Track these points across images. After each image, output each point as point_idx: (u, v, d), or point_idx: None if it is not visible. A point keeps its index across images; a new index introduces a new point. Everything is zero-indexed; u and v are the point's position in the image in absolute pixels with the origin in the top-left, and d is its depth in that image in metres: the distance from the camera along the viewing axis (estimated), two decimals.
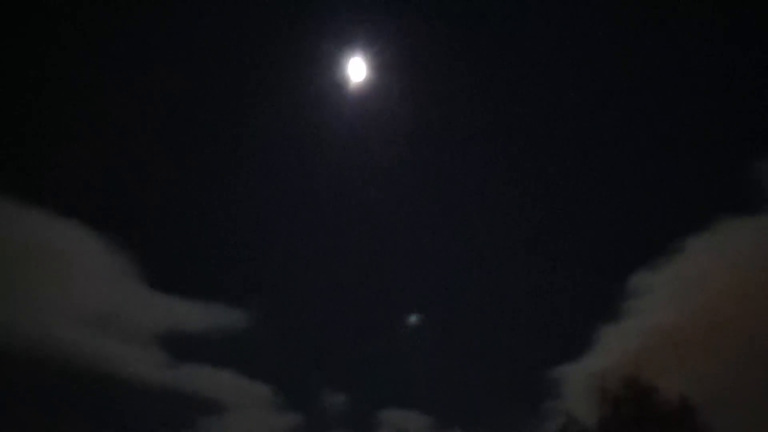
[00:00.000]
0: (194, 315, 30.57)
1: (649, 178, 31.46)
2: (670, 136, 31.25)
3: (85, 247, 28.90)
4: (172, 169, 31.50)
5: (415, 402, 31.65)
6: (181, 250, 32.01)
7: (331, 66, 30.07)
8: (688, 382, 22.28)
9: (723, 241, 28.12)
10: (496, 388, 31.01)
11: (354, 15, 29.32)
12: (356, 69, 29.81)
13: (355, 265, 33.68)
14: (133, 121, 30.67)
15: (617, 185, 31.98)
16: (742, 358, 24.78)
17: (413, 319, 33.26)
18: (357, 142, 31.77)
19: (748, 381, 24.09)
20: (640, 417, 19.45)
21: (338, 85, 30.27)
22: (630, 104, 31.25)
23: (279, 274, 33.46)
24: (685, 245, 28.18)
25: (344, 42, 29.54)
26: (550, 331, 31.31)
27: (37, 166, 28.93)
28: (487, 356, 31.80)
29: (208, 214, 32.66)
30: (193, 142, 31.76)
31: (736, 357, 25.00)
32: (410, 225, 33.75)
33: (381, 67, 29.99)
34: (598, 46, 31.00)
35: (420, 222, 33.95)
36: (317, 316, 33.11)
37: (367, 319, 33.42)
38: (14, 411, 26.28)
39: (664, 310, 27.72)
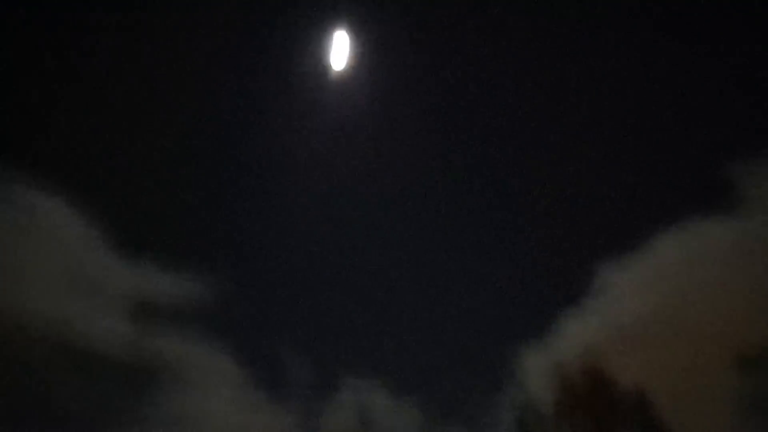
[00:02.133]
0: (165, 284, 30.50)
1: (620, 173, 31.78)
2: (643, 134, 31.61)
3: (51, 215, 28.67)
4: (143, 136, 31.35)
5: (376, 372, 31.98)
6: (151, 220, 31.88)
7: (313, 48, 30.06)
8: (646, 375, 22.67)
9: (691, 240, 28.52)
10: (455, 363, 31.33)
11: None
12: (340, 51, 29.78)
13: (327, 238, 33.81)
14: (100, 86, 30.46)
15: (591, 176, 32.25)
16: (702, 354, 25.25)
17: (377, 293, 33.51)
18: (340, 124, 31.84)
19: (705, 377, 24.57)
20: (597, 406, 19.81)
21: (321, 67, 30.29)
22: (603, 100, 31.51)
23: (250, 245, 33.51)
24: (655, 239, 28.57)
25: (327, 23, 29.50)
26: (512, 316, 31.63)
27: (8, 137, 28.69)
28: (448, 332, 32.11)
29: (181, 184, 32.56)
30: (167, 109, 31.55)
31: (695, 353, 25.46)
32: (380, 207, 33.90)
33: (366, 49, 29.99)
34: (578, 44, 31.22)
35: (390, 206, 34.10)
36: (286, 288, 33.23)
37: (333, 291, 33.57)
38: None
39: (627, 304, 28.06)
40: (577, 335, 26.97)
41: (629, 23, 30.43)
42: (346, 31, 29.50)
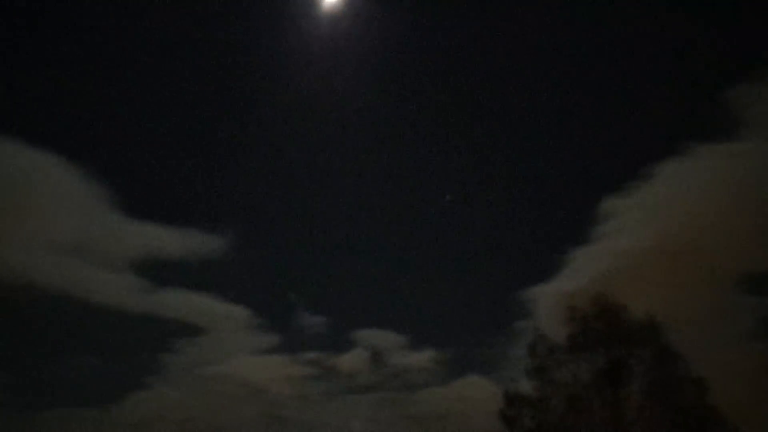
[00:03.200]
0: (171, 241, 30.75)
1: (621, 103, 31.69)
2: (642, 62, 31.35)
3: (59, 176, 28.65)
4: (146, 98, 31.08)
5: (388, 322, 32.51)
6: (156, 178, 31.89)
7: None
8: (654, 302, 23.00)
9: (692, 167, 28.66)
10: (468, 308, 31.89)
11: None
12: None
13: (331, 189, 33.88)
14: (106, 52, 30.04)
15: (590, 110, 32.21)
16: (708, 277, 25.64)
17: (387, 241, 33.75)
18: (332, 66, 31.48)
19: (711, 302, 25.01)
20: (608, 334, 20.14)
21: (311, 6, 29.73)
22: (603, 33, 31.21)
23: (254, 199, 33.59)
24: (655, 171, 28.66)
25: None
26: (521, 254, 32.04)
27: (9, 99, 28.35)
28: (460, 278, 32.54)
29: (183, 143, 32.43)
30: (165, 71, 31.22)
31: (701, 276, 25.85)
32: (383, 151, 33.86)
33: None
34: None
35: (392, 148, 34.05)
36: (293, 239, 33.46)
37: (343, 241, 33.84)
38: None
39: (633, 234, 28.41)
40: (586, 267, 27.39)
41: None
42: None
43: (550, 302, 24.84)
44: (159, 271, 30.65)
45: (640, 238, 28.10)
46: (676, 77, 30.32)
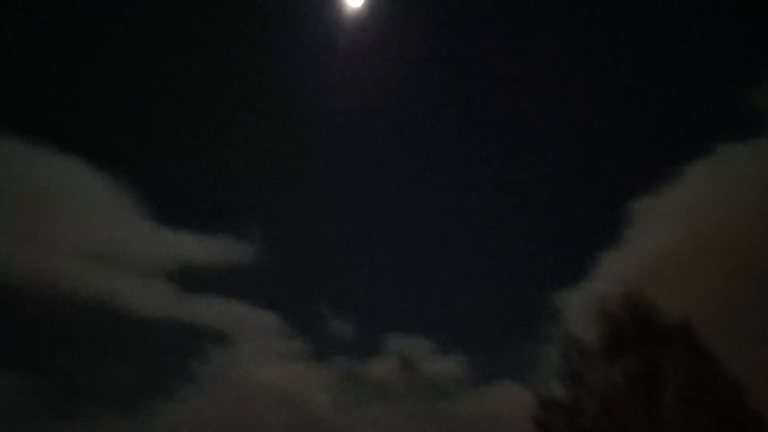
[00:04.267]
0: (200, 248, 30.97)
1: (648, 104, 31.42)
2: (668, 62, 31.07)
3: (91, 184, 29.04)
4: (173, 105, 31.36)
5: (417, 327, 32.42)
6: (185, 185, 32.13)
7: None
8: (688, 303, 22.77)
9: (721, 166, 28.37)
10: (497, 313, 31.74)
11: None
12: None
13: (359, 192, 33.93)
14: (132, 58, 30.37)
15: (618, 111, 31.95)
16: (740, 280, 25.30)
17: (416, 244, 33.68)
18: (356, 72, 31.53)
19: (744, 302, 24.66)
20: (641, 336, 19.95)
21: (334, 10, 29.80)
22: (626, 31, 30.97)
23: (282, 204, 33.73)
24: (684, 170, 28.40)
25: None
26: (551, 257, 31.84)
27: (41, 105, 28.77)
28: (490, 282, 32.40)
29: (211, 149, 32.66)
30: (193, 76, 31.50)
31: (733, 279, 25.51)
32: (411, 153, 33.86)
33: None
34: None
35: (421, 150, 34.03)
36: (321, 244, 33.53)
37: (371, 245, 33.86)
38: (24, 344, 26.89)
39: (663, 235, 28.12)
40: (616, 269, 27.14)
41: None
42: None
43: (580, 305, 24.67)
44: (189, 278, 30.93)
45: (670, 239, 27.81)
46: (700, 76, 30.00)
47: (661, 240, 27.78)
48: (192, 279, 31.00)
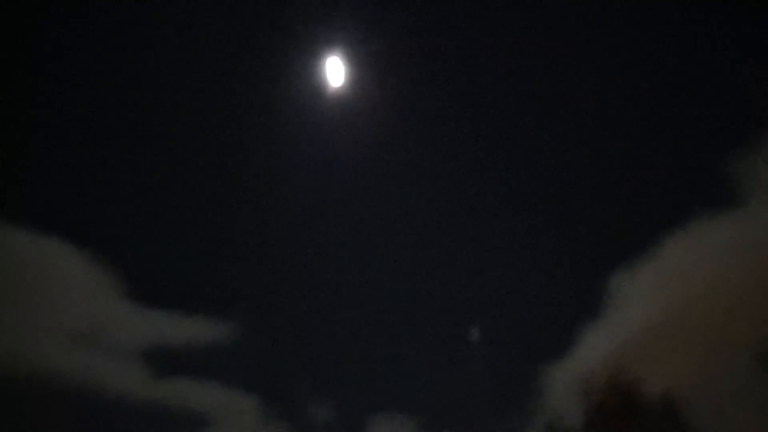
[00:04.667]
0: (179, 328, 30.45)
1: (623, 176, 31.92)
2: (643, 133, 31.82)
3: (65, 263, 28.75)
4: (149, 183, 31.51)
5: (402, 406, 31.81)
6: (162, 264, 31.89)
7: (308, 68, 30.15)
8: (670, 377, 22.65)
9: (700, 237, 28.59)
10: (481, 387, 31.26)
11: (332, 13, 29.33)
12: (335, 70, 29.83)
13: (339, 271, 33.80)
14: (107, 134, 30.69)
15: (593, 184, 32.40)
16: (724, 352, 25.22)
17: (398, 322, 33.47)
18: (337, 147, 31.97)
19: (729, 375, 24.53)
20: (625, 412, 19.79)
21: (316, 87, 30.39)
22: (604, 104, 31.69)
23: (262, 283, 33.45)
24: (663, 242, 28.62)
25: (322, 42, 29.59)
26: (532, 331, 31.61)
27: (15, 183, 28.85)
28: (474, 358, 32.06)
29: (189, 228, 32.63)
30: (170, 152, 31.72)
31: (717, 352, 25.43)
32: (393, 229, 33.96)
33: (361, 69, 30.13)
34: (573, 55, 31.47)
35: (402, 226, 34.16)
36: (302, 325, 33.16)
37: (351, 325, 33.52)
38: None
39: (644, 307, 28.07)
40: (598, 345, 26.96)
41: (625, 32, 30.78)
42: (342, 51, 29.55)
43: (563, 380, 24.38)
44: (166, 359, 30.28)
45: (650, 312, 27.77)
46: (677, 148, 30.70)
47: (642, 313, 27.74)
48: (169, 360, 30.40)
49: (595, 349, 26.59)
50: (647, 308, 28.08)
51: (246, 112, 31.48)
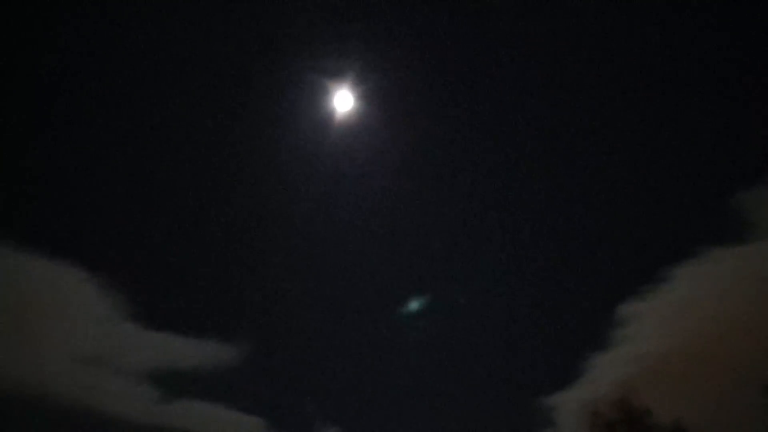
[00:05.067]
0: (185, 351, 30.46)
1: (635, 208, 31.95)
2: (655, 168, 31.88)
3: (76, 289, 28.92)
4: (159, 210, 31.76)
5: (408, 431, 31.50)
6: (170, 289, 32.00)
7: (317, 98, 30.45)
8: (678, 407, 22.42)
9: (709, 270, 28.52)
10: (489, 417, 30.93)
11: (340, 46, 29.68)
12: (343, 100, 30.07)
13: (345, 296, 33.78)
14: (120, 164, 31.05)
15: (603, 217, 32.42)
16: (731, 383, 24.98)
17: (406, 348, 33.28)
18: (346, 173, 32.19)
19: (737, 405, 24.26)
20: None
21: (325, 116, 30.66)
22: (615, 136, 31.86)
23: (269, 308, 33.45)
24: (672, 274, 28.55)
25: (330, 74, 29.91)
26: (541, 362, 31.41)
27: (27, 212, 29.16)
28: (482, 386, 31.81)
29: (197, 254, 32.79)
30: (180, 180, 32.03)
31: (724, 382, 25.19)
32: (398, 257, 33.98)
33: (368, 98, 30.37)
34: (576, 77, 31.68)
35: (407, 254, 34.18)
36: (308, 349, 33.05)
37: (359, 350, 33.40)
38: None
39: (652, 338, 27.95)
40: (607, 372, 26.79)
41: (634, 63, 31.05)
42: (350, 80, 29.85)
43: (572, 409, 24.21)
44: (173, 382, 30.22)
45: (660, 342, 27.64)
46: (690, 182, 30.75)
47: (652, 343, 27.62)
48: (176, 383, 30.33)
49: (605, 378, 26.40)
50: (657, 338, 27.94)
51: (257, 139, 31.85)
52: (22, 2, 28.76)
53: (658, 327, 28.58)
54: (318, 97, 31.04)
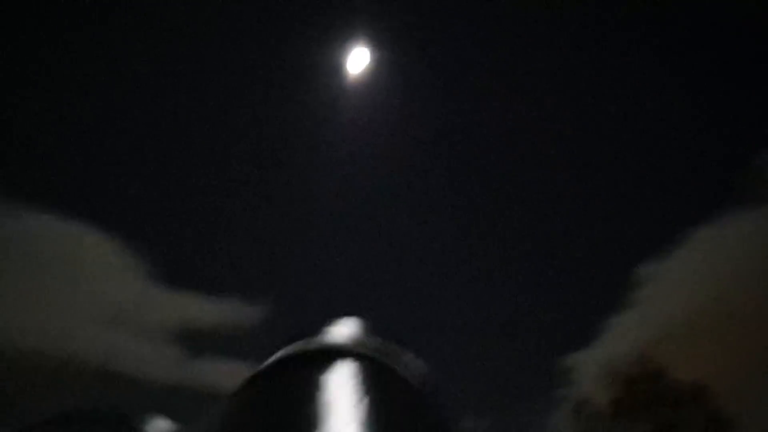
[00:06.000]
0: (208, 311, 30.80)
1: (656, 168, 31.67)
2: (677, 125, 31.49)
3: (96, 248, 29.19)
4: (179, 166, 31.86)
5: None
6: (192, 247, 32.27)
7: (331, 56, 30.23)
8: (700, 368, 22.52)
9: (730, 232, 28.33)
10: (506, 375, 31.22)
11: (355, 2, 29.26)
12: (358, 59, 29.75)
13: (364, 258, 33.97)
14: (134, 115, 31.06)
15: (623, 178, 32.19)
16: (752, 345, 25.02)
17: (425, 306, 33.53)
18: (359, 136, 32.11)
19: (756, 367, 24.31)
20: (654, 398, 19.68)
21: (339, 76, 30.47)
22: (635, 94, 31.44)
23: (291, 268, 33.75)
24: (693, 235, 28.40)
25: (345, 31, 29.62)
26: (560, 321, 31.49)
27: (43, 168, 29.34)
28: (499, 345, 32.03)
29: (219, 210, 32.96)
30: (198, 135, 32.04)
31: (745, 344, 25.22)
32: (415, 220, 34.04)
33: (384, 57, 30.07)
34: (608, 46, 31.21)
35: (424, 216, 34.21)
36: (329, 308, 33.29)
37: (380, 310, 33.68)
38: (30, 406, 26.63)
39: (672, 299, 27.89)
40: (627, 332, 26.83)
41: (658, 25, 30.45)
42: (364, 38, 29.47)
43: (591, 368, 24.28)
44: (195, 341, 30.60)
45: (679, 304, 27.55)
46: (711, 140, 30.35)
47: (671, 304, 27.53)
48: (198, 341, 30.76)
49: (623, 338, 26.45)
50: (676, 300, 27.87)
51: (268, 99, 31.75)
52: None
53: (677, 289, 28.52)
54: (332, 53, 30.88)
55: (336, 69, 31.76)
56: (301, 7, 30.78)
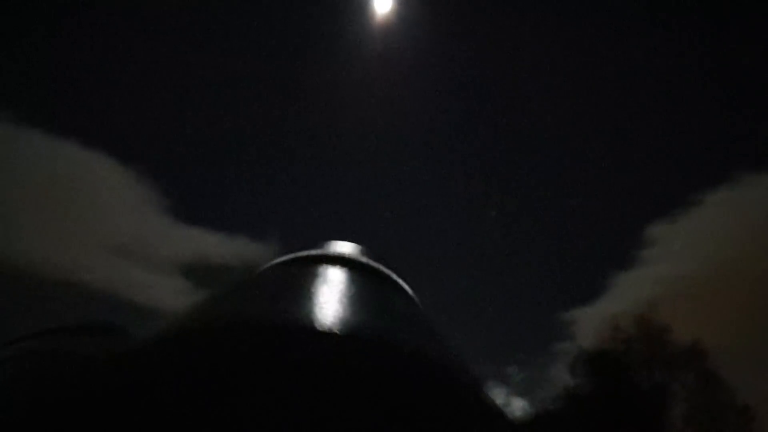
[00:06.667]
0: (217, 246, 31.17)
1: (669, 129, 31.46)
2: (691, 88, 31.14)
3: (110, 179, 29.41)
4: (196, 102, 31.87)
5: None
6: (205, 183, 32.54)
7: None
8: (699, 328, 22.65)
9: (741, 196, 28.20)
10: (507, 328, 31.62)
11: None
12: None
13: (376, 198, 34.10)
14: (156, 54, 30.94)
15: (636, 137, 32.02)
16: (756, 310, 25.10)
17: (428, 256, 33.71)
18: (382, 80, 31.90)
19: (757, 332, 24.46)
20: (651, 356, 19.89)
21: (362, 17, 30.10)
22: (647, 57, 31.01)
23: (301, 207, 34.00)
24: (704, 198, 28.29)
25: None
26: (563, 276, 31.77)
27: (61, 99, 29.36)
28: (500, 298, 32.37)
29: (233, 149, 33.07)
30: (218, 75, 31.97)
31: (749, 309, 25.31)
32: (430, 169, 34.04)
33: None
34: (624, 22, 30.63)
35: (439, 166, 34.22)
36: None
37: (385, 248, 33.87)
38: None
39: (679, 260, 27.99)
40: (630, 290, 27.01)
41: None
42: None
43: (592, 324, 24.52)
44: (204, 275, 31.11)
45: (686, 265, 27.65)
46: (724, 103, 30.03)
47: (677, 265, 27.64)
48: (207, 276, 31.23)
49: (627, 296, 26.63)
50: (684, 261, 27.97)
51: (295, 39, 31.49)
52: None
53: (685, 250, 28.58)
54: None
55: (362, 7, 31.45)
56: None
